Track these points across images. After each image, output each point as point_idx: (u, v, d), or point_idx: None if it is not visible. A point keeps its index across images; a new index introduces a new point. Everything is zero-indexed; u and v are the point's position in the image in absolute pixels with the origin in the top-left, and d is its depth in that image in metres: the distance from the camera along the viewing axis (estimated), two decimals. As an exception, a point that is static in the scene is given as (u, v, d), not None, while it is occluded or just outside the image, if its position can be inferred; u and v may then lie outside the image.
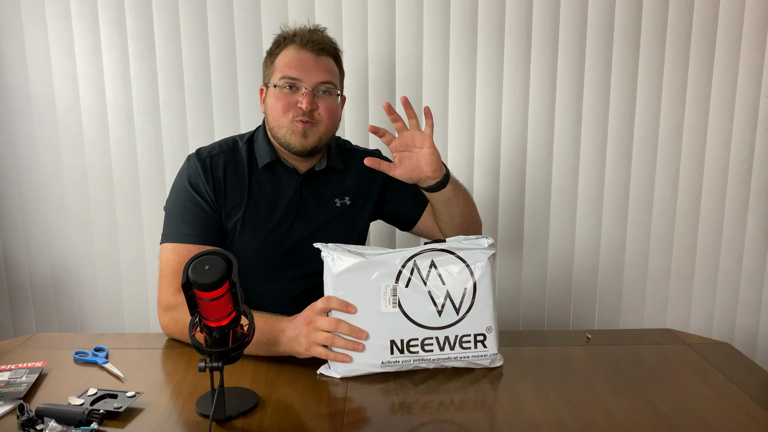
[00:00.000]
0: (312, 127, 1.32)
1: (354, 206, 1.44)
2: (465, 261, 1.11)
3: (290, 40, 1.35)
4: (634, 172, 1.95)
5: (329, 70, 1.34)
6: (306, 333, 1.11)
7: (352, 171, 1.46)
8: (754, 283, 2.02)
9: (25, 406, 0.93)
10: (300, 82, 1.31)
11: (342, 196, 1.43)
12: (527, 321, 2.03)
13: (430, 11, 1.84)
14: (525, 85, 1.89)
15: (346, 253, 1.10)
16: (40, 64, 1.85)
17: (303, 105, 1.29)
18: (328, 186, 1.43)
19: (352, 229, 1.44)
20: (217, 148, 1.39)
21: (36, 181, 1.92)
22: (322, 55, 1.34)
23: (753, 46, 1.88)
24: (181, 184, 1.35)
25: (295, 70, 1.31)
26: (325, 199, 1.41)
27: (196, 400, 1.01)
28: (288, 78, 1.31)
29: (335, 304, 1.10)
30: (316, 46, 1.33)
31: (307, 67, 1.31)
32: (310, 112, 1.30)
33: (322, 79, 1.32)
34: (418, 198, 1.47)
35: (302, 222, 1.38)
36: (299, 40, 1.33)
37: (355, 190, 1.45)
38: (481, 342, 1.11)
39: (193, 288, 0.88)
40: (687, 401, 1.03)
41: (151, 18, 1.82)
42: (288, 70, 1.32)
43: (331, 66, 1.36)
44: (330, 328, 1.09)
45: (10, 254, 1.97)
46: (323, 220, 1.40)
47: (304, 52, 1.32)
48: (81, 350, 1.19)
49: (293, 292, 1.39)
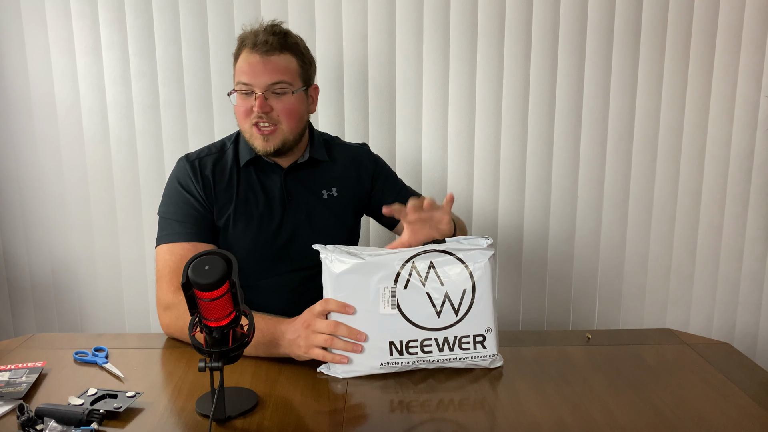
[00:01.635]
0: (273, 131, 1.32)
1: (341, 197, 1.46)
2: (464, 262, 1.11)
3: (244, 44, 1.35)
4: (634, 172, 1.95)
5: (280, 70, 1.32)
6: (305, 336, 1.11)
7: (338, 163, 1.48)
8: (754, 283, 2.02)
9: (25, 406, 0.93)
10: (252, 87, 1.31)
11: (329, 187, 1.45)
12: (527, 321, 2.03)
13: (430, 11, 1.83)
14: (525, 85, 1.89)
15: (345, 255, 1.11)
16: (40, 64, 1.85)
17: (255, 108, 1.31)
18: (313, 178, 1.44)
19: (341, 220, 1.46)
20: (205, 151, 1.42)
21: (36, 181, 1.92)
22: (273, 55, 1.32)
23: (753, 46, 1.88)
24: (173, 186, 1.37)
25: (246, 75, 1.32)
26: (311, 191, 1.43)
27: (196, 400, 1.01)
28: (241, 84, 1.33)
29: (333, 306, 1.10)
30: (266, 46, 1.31)
31: (256, 71, 1.31)
32: (266, 114, 1.31)
33: (272, 80, 1.31)
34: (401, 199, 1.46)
35: (291, 215, 1.40)
36: (250, 43, 1.33)
37: (343, 182, 1.46)
38: (481, 343, 1.11)
39: (193, 288, 0.88)
40: (687, 401, 1.03)
41: (151, 18, 1.82)
42: (240, 75, 1.33)
43: (284, 64, 1.33)
44: (329, 330, 1.09)
45: (10, 254, 1.97)
46: (311, 211, 1.42)
47: (254, 55, 1.32)
48: (81, 350, 1.19)
49: (292, 285, 1.40)
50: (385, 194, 1.51)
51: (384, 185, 1.52)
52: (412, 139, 1.91)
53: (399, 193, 1.53)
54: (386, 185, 1.53)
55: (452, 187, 1.94)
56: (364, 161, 1.52)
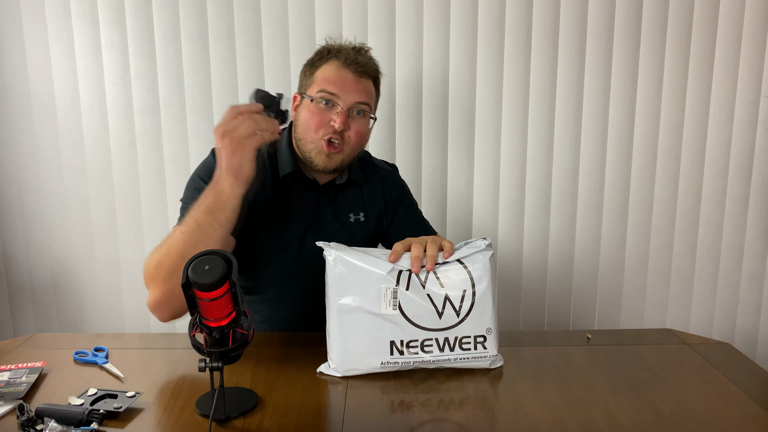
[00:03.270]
0: (339, 151, 1.30)
1: (367, 222, 1.44)
2: (463, 263, 1.11)
3: (334, 55, 1.32)
4: (634, 172, 1.95)
5: (367, 92, 1.32)
6: (228, 141, 1.11)
7: (370, 185, 1.45)
8: (754, 283, 2.02)
9: (25, 406, 0.93)
10: (337, 99, 1.29)
11: (357, 211, 1.43)
12: (527, 321, 2.03)
13: (430, 12, 1.84)
14: (525, 85, 1.89)
15: (349, 254, 1.10)
16: (40, 64, 1.85)
17: (336, 124, 1.27)
18: (345, 200, 1.42)
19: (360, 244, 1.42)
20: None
21: (36, 181, 1.92)
22: (363, 77, 1.32)
23: (753, 46, 1.88)
24: (195, 177, 1.34)
25: (334, 86, 1.29)
26: (340, 213, 1.41)
27: (196, 400, 1.01)
28: (326, 93, 1.29)
29: (240, 108, 1.12)
30: (360, 68, 1.30)
31: (346, 86, 1.29)
32: (341, 132, 1.29)
33: (360, 99, 1.29)
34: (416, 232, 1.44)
35: (315, 233, 1.36)
36: (343, 57, 1.31)
37: (370, 206, 1.44)
38: (481, 343, 1.11)
39: (193, 288, 0.88)
40: (687, 401, 1.03)
41: (151, 18, 1.82)
42: (327, 84, 1.29)
43: (370, 88, 1.34)
44: (244, 123, 1.12)
45: (10, 254, 1.97)
46: (335, 233, 1.38)
47: (346, 70, 1.30)
48: (81, 350, 1.19)
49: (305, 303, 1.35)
50: (402, 223, 1.47)
51: (404, 214, 1.48)
52: (411, 140, 1.91)
53: (417, 225, 1.48)
54: (405, 214, 1.49)
55: (452, 187, 1.94)
56: (391, 186, 1.48)
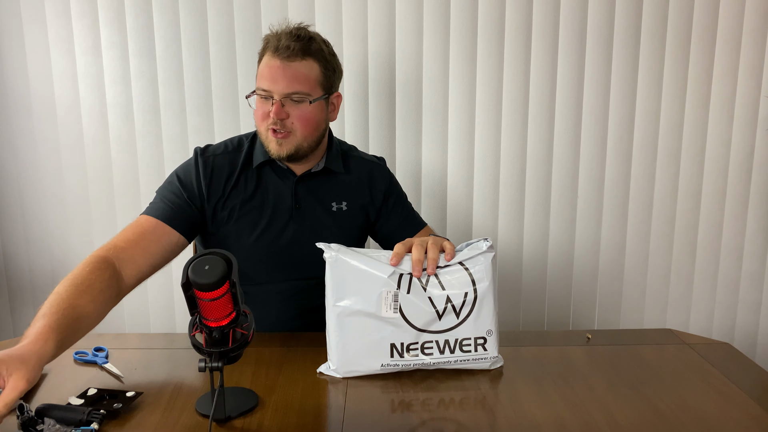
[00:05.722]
0: (286, 137, 1.31)
1: (351, 211, 1.43)
2: (464, 265, 1.11)
3: (266, 46, 1.33)
4: (634, 172, 1.95)
5: (299, 78, 1.30)
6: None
7: (353, 176, 1.45)
8: (754, 283, 2.02)
9: (25, 406, 0.93)
10: (270, 93, 1.30)
11: (339, 200, 1.42)
12: (527, 321, 2.03)
13: (430, 11, 1.84)
14: (525, 85, 1.89)
15: (349, 256, 1.10)
16: (40, 64, 1.85)
17: (271, 115, 1.29)
18: (325, 188, 1.42)
19: (347, 235, 1.42)
20: (221, 148, 1.39)
21: (36, 181, 1.92)
22: (294, 61, 1.29)
23: (753, 46, 1.88)
24: (175, 174, 1.36)
25: (265, 80, 1.30)
26: (321, 202, 1.41)
27: (196, 400, 1.01)
28: (260, 89, 1.31)
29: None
30: (286, 52, 1.29)
31: (276, 77, 1.29)
32: (281, 121, 1.30)
33: (290, 90, 1.29)
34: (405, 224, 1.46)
35: (296, 223, 1.38)
36: (273, 47, 1.31)
37: (354, 196, 1.44)
38: (482, 345, 1.11)
39: (193, 288, 0.88)
40: (687, 401, 1.03)
41: (151, 18, 1.82)
42: (261, 80, 1.31)
43: (305, 71, 1.31)
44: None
45: (10, 254, 1.97)
46: (318, 222, 1.39)
47: (275, 59, 1.30)
48: (81, 350, 1.19)
49: (289, 293, 1.39)
50: (391, 216, 1.47)
51: (393, 206, 1.48)
52: (411, 139, 1.91)
53: (405, 217, 1.48)
54: (395, 207, 1.48)
55: (452, 187, 1.94)
56: (378, 178, 1.47)
